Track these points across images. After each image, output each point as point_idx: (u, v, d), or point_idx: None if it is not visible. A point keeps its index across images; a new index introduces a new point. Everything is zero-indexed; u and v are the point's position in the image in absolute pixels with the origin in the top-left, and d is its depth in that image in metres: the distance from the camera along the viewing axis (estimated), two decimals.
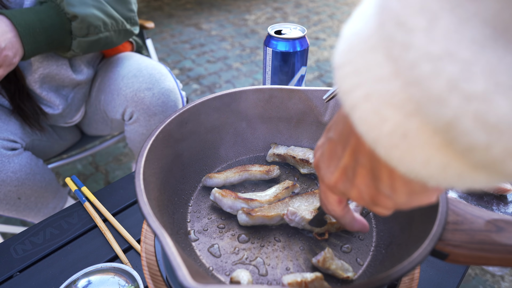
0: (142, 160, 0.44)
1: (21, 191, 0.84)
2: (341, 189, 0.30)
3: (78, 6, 0.76)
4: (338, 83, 0.23)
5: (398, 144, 0.21)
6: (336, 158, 0.29)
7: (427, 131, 0.19)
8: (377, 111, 0.21)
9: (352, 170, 0.27)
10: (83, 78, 0.94)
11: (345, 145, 0.27)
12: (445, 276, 0.56)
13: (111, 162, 1.64)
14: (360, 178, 0.27)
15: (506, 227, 0.37)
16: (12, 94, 0.85)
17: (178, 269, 0.31)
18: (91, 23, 0.78)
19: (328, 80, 2.30)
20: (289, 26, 0.78)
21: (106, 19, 0.81)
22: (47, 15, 0.74)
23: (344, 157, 0.28)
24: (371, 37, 0.21)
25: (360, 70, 0.21)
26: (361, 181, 0.27)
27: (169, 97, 0.91)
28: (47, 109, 0.91)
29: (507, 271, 1.19)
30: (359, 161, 0.26)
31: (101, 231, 0.64)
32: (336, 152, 0.29)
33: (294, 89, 0.61)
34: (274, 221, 0.51)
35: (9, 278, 0.57)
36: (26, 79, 0.85)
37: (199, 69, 2.44)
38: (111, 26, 0.83)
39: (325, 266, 0.44)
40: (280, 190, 0.55)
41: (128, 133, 0.98)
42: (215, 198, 0.53)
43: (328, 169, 0.30)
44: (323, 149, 0.31)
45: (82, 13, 0.76)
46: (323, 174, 0.31)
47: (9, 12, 0.72)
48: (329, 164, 0.30)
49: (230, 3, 3.62)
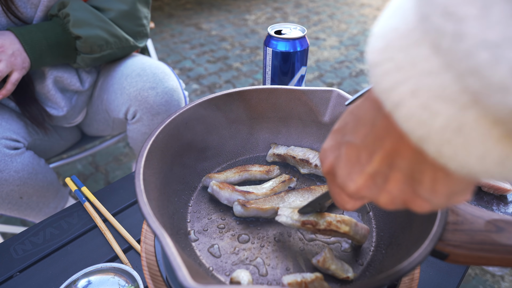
0: (142, 160, 0.44)
1: (23, 190, 0.84)
2: (366, 195, 0.28)
3: (83, 28, 0.82)
4: (376, 82, 0.22)
5: (451, 139, 0.20)
6: (359, 164, 0.27)
7: (486, 123, 0.19)
8: (426, 106, 0.20)
9: (383, 176, 0.26)
10: (88, 86, 0.97)
11: (373, 149, 0.25)
12: (445, 276, 0.56)
13: (111, 162, 1.64)
14: (394, 183, 0.25)
15: (506, 227, 0.37)
16: (19, 98, 0.87)
17: (178, 270, 0.31)
18: (94, 43, 0.84)
19: (328, 80, 2.30)
20: (289, 26, 0.78)
21: (109, 38, 0.86)
22: (54, 32, 0.80)
23: (371, 163, 0.26)
24: (412, 31, 0.20)
25: (403, 66, 0.20)
26: (394, 187, 0.25)
27: (172, 96, 0.91)
28: (52, 111, 0.93)
29: (507, 271, 1.19)
30: (394, 165, 0.25)
31: (101, 231, 0.64)
32: (360, 157, 0.27)
33: (294, 89, 0.61)
34: (268, 214, 0.51)
35: (9, 278, 0.57)
36: (37, 82, 0.88)
37: (199, 69, 2.44)
38: (114, 44, 0.88)
39: (325, 266, 0.44)
40: (277, 184, 0.56)
41: (131, 132, 0.98)
42: (213, 191, 0.54)
43: (349, 176, 0.28)
44: (338, 154, 0.29)
45: (86, 34, 0.82)
46: (342, 182, 0.29)
47: (17, 30, 0.77)
48: (350, 171, 0.28)
49: (230, 3, 3.62)
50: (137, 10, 0.92)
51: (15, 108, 0.89)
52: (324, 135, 0.62)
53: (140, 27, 0.94)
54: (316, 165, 0.59)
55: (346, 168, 0.28)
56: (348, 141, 0.27)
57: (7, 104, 0.89)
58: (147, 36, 0.98)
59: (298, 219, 0.46)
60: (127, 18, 0.90)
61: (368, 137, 0.26)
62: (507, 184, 0.66)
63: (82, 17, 0.81)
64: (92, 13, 0.84)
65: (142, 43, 0.97)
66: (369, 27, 3.08)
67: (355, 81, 2.29)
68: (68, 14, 0.80)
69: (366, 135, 0.26)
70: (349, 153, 0.27)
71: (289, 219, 0.46)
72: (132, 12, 0.91)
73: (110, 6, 0.87)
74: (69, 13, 0.80)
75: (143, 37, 0.97)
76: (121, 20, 0.89)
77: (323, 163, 0.31)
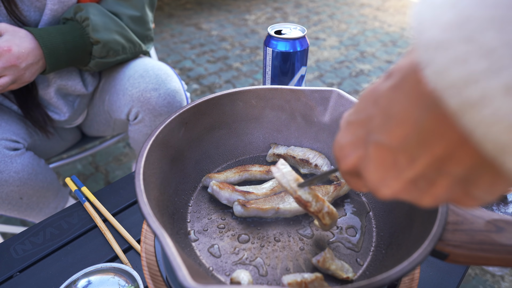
0: (142, 160, 0.44)
1: (23, 191, 0.84)
2: (403, 198, 0.25)
3: (102, 32, 0.82)
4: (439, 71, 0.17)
5: None
6: (395, 169, 0.23)
7: None
8: None
9: (428, 180, 0.22)
10: (91, 89, 0.98)
11: (417, 154, 0.21)
12: (445, 276, 0.56)
13: (111, 162, 1.64)
14: (442, 187, 0.22)
15: (506, 227, 0.37)
16: (22, 101, 0.88)
17: (178, 270, 0.31)
18: (111, 48, 0.84)
19: (328, 80, 2.30)
20: (289, 26, 0.78)
21: (125, 43, 0.88)
22: (72, 36, 0.80)
23: (413, 168, 0.22)
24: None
25: (494, 50, 0.15)
26: (441, 190, 0.22)
27: (174, 97, 0.92)
28: (54, 115, 0.94)
29: (507, 271, 1.19)
30: (445, 171, 0.21)
31: (101, 231, 0.64)
32: (397, 161, 0.23)
33: (294, 89, 0.61)
34: (268, 214, 0.51)
35: (9, 278, 0.57)
36: (40, 88, 0.88)
37: (199, 69, 2.44)
38: (129, 49, 0.90)
39: (325, 266, 0.44)
40: (277, 184, 0.56)
41: (132, 133, 0.98)
42: (213, 191, 0.54)
43: (383, 181, 0.24)
44: (363, 155, 0.25)
45: (105, 39, 0.82)
46: (374, 187, 0.25)
47: (37, 32, 0.76)
48: (383, 176, 0.24)
49: (230, 3, 3.62)
50: (146, 14, 0.94)
51: (18, 111, 0.90)
52: (324, 135, 0.62)
53: (148, 31, 0.96)
54: (316, 165, 0.59)
55: (378, 173, 0.24)
56: (378, 141, 0.23)
57: (10, 107, 0.89)
58: (153, 40, 0.99)
59: (294, 189, 0.43)
60: (138, 23, 0.91)
61: (409, 139, 0.21)
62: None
63: (101, 22, 0.82)
64: (110, 18, 0.84)
65: (149, 48, 0.98)
66: (369, 27, 3.08)
67: (355, 81, 2.29)
68: (87, 18, 0.80)
69: (405, 137, 0.21)
70: (382, 156, 0.23)
71: (286, 183, 0.43)
72: (142, 16, 0.92)
73: (123, 11, 0.88)
74: (88, 17, 0.80)
75: (149, 41, 0.98)
76: (132, 25, 0.90)
77: (342, 160, 0.28)
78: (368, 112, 0.24)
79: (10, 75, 0.73)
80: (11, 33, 0.74)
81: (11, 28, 0.75)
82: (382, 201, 0.54)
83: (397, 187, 0.24)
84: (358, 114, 0.26)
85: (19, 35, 0.74)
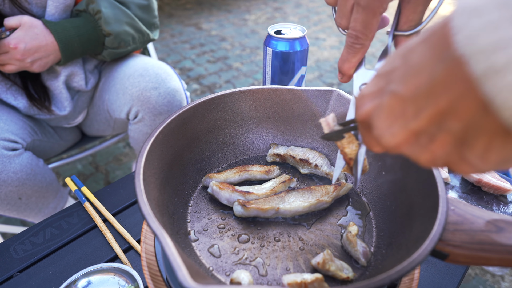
0: (142, 160, 0.44)
1: (22, 191, 0.84)
2: (404, 151, 0.25)
3: (114, 24, 0.85)
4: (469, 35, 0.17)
5: None
6: (402, 118, 0.24)
7: None
8: None
9: (429, 135, 0.23)
10: (90, 87, 0.98)
11: (424, 105, 0.22)
12: (445, 276, 0.56)
13: (111, 162, 1.64)
14: (440, 145, 0.23)
15: (506, 227, 0.37)
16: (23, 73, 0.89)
17: (178, 270, 0.31)
18: (122, 39, 0.88)
19: (328, 80, 2.30)
20: (289, 26, 0.78)
21: (135, 34, 0.91)
22: (86, 29, 0.83)
23: (418, 120, 0.23)
24: None
25: None
26: (439, 148, 0.23)
27: (174, 97, 0.92)
28: (56, 110, 0.94)
29: (507, 271, 1.19)
30: (445, 126, 0.22)
31: (101, 231, 0.64)
32: (405, 111, 0.24)
33: (294, 89, 0.61)
34: (268, 214, 0.51)
35: (9, 278, 0.57)
36: (47, 77, 0.90)
37: (199, 69, 2.44)
38: (138, 39, 0.93)
39: (325, 268, 0.44)
40: (277, 184, 0.56)
41: (132, 132, 0.98)
42: (213, 191, 0.54)
43: (389, 130, 0.25)
44: (379, 103, 0.26)
45: (116, 31, 0.85)
46: (380, 135, 0.26)
47: (53, 27, 0.79)
48: (390, 124, 0.25)
49: (230, 3, 3.62)
50: (152, 2, 0.96)
51: (19, 84, 0.88)
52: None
53: (154, 19, 0.97)
54: (316, 165, 0.59)
55: (387, 121, 0.25)
56: (394, 91, 0.24)
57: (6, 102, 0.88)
58: (159, 27, 1.01)
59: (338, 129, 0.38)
60: (145, 11, 0.93)
61: (420, 90, 0.22)
62: (507, 184, 0.66)
63: (112, 14, 0.84)
64: (120, 9, 0.86)
65: (156, 35, 1.00)
66: None
67: None
68: (99, 11, 0.82)
69: (418, 87, 0.22)
70: (393, 105, 0.24)
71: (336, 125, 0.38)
72: (149, 4, 0.94)
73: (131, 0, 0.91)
74: (100, 9, 0.82)
75: (156, 29, 0.99)
76: (140, 13, 0.92)
77: (359, 109, 0.28)
78: (394, 64, 0.25)
79: (15, 65, 0.78)
80: (26, 29, 0.77)
81: (29, 23, 0.77)
82: (381, 198, 0.54)
83: (401, 138, 0.25)
84: (386, 66, 0.26)
85: (33, 32, 0.77)
